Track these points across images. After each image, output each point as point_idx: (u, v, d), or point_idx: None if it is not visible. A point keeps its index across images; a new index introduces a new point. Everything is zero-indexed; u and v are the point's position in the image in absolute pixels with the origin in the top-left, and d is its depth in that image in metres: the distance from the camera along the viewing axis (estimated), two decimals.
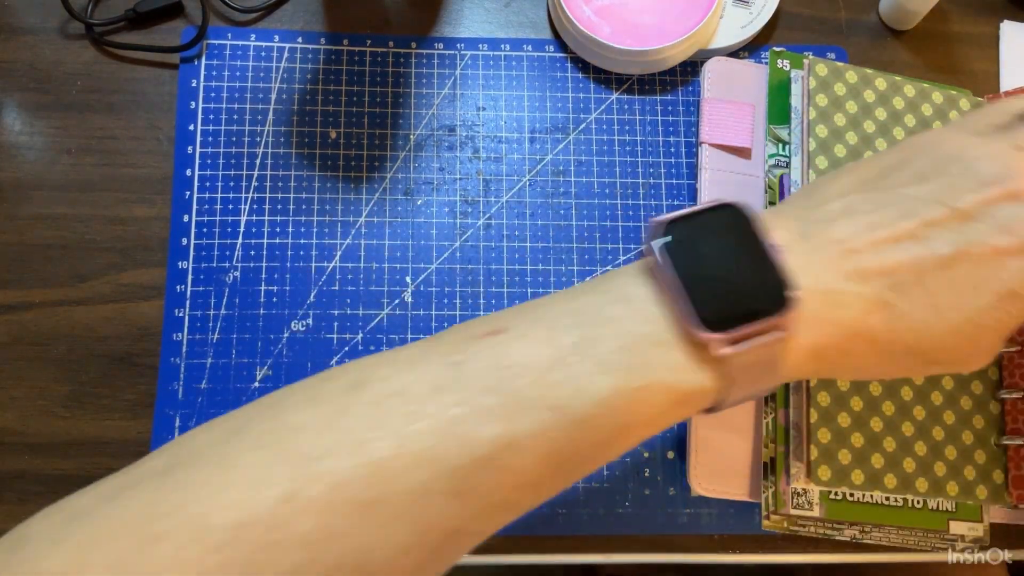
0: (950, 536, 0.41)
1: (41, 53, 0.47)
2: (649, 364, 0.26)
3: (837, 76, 0.45)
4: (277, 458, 0.23)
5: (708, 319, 0.26)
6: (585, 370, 0.26)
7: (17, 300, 0.43)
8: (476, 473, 0.24)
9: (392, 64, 0.49)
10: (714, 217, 0.29)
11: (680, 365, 0.27)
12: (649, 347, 0.27)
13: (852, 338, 0.28)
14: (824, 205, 0.30)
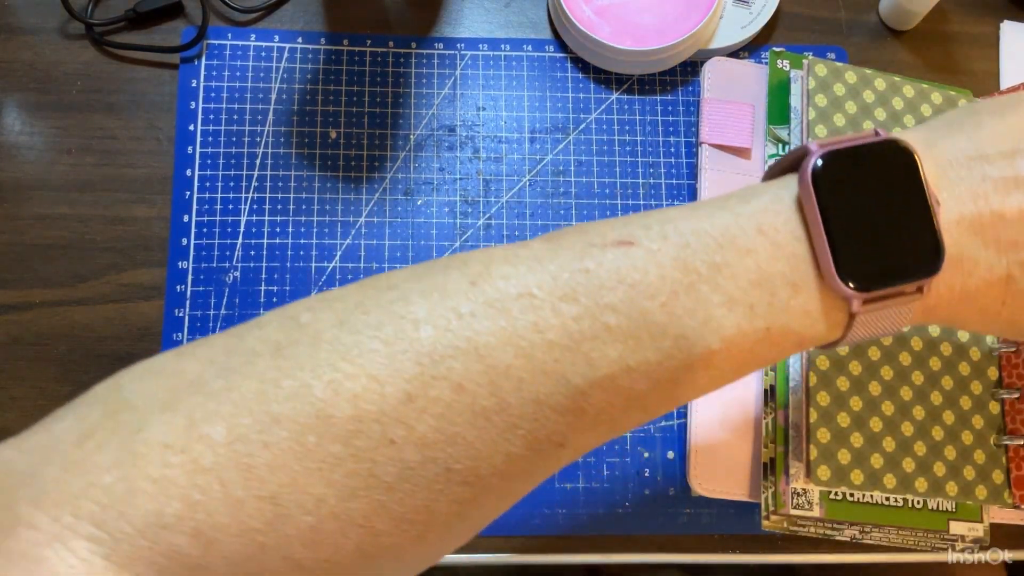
0: (950, 536, 0.41)
1: (41, 53, 0.47)
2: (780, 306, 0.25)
3: (836, 76, 0.45)
4: (399, 353, 0.22)
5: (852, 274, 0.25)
6: (715, 301, 0.24)
7: (17, 300, 0.43)
8: (593, 392, 0.24)
9: (392, 64, 0.49)
10: (875, 152, 0.26)
11: (811, 312, 0.25)
12: (783, 287, 0.25)
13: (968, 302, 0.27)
14: (987, 151, 0.27)
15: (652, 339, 0.24)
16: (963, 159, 0.27)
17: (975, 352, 0.42)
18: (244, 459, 0.21)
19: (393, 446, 0.22)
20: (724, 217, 0.26)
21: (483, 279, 0.24)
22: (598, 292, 0.24)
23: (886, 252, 0.25)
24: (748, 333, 0.25)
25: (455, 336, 0.23)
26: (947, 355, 0.41)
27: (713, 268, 0.25)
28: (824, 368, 0.40)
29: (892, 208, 0.26)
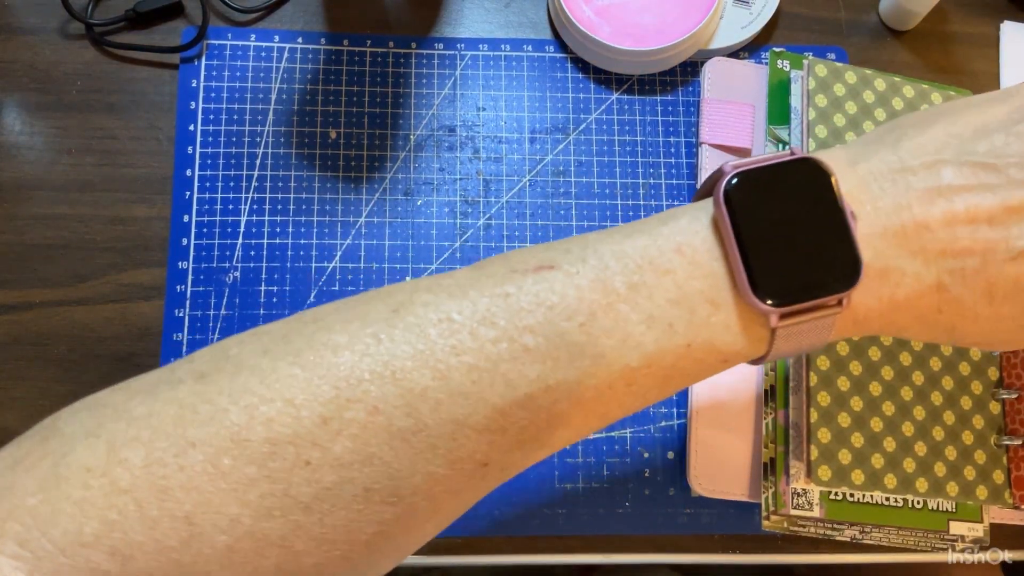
0: (950, 536, 0.41)
1: (41, 53, 0.47)
2: (698, 322, 0.25)
3: (837, 77, 0.45)
4: (317, 377, 0.23)
5: (768, 289, 0.25)
6: (634, 320, 0.25)
7: (17, 300, 0.43)
8: (514, 411, 0.24)
9: (392, 64, 0.49)
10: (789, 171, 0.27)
11: (729, 327, 0.26)
12: (701, 304, 0.25)
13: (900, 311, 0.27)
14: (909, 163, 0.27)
15: (571, 359, 0.25)
16: (886, 172, 0.27)
17: (975, 352, 0.42)
18: (160, 480, 0.22)
19: (308, 467, 0.22)
20: (643, 239, 0.26)
21: (404, 307, 0.25)
22: (517, 315, 0.25)
23: (803, 267, 0.26)
24: (669, 350, 0.25)
25: (373, 360, 0.24)
26: (947, 355, 0.41)
27: (631, 288, 0.25)
28: (824, 368, 0.40)
29: (808, 224, 0.26)
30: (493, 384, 0.24)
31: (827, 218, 0.26)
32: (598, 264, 0.26)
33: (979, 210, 0.26)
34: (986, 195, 0.26)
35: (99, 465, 0.22)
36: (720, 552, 0.43)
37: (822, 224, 0.26)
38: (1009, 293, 0.27)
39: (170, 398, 0.23)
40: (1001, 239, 0.26)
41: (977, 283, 0.26)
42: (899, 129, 0.29)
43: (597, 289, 0.25)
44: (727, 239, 0.26)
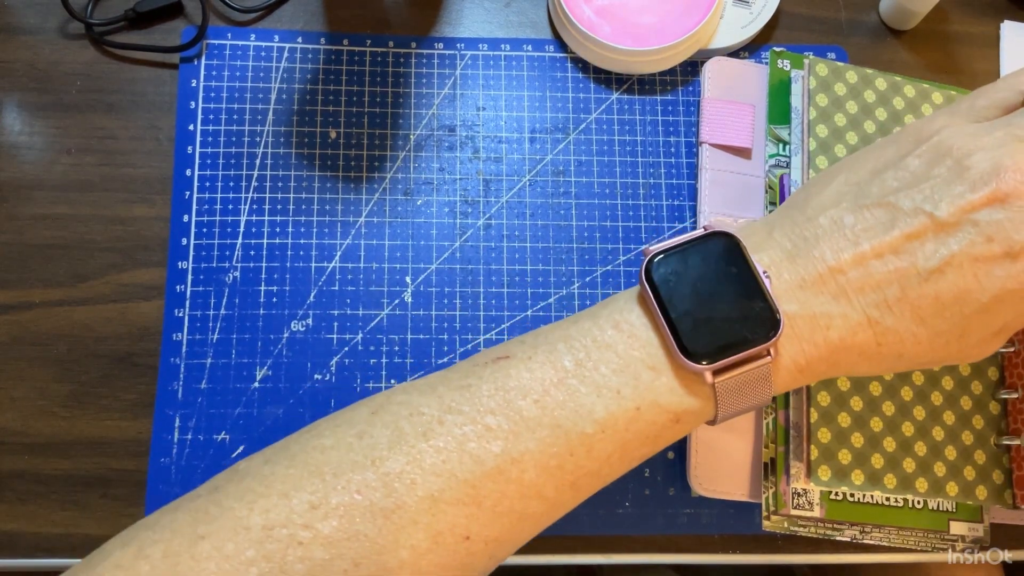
0: (950, 536, 0.41)
1: (41, 53, 0.47)
2: (644, 386, 0.28)
3: (837, 76, 0.45)
4: (307, 472, 0.27)
5: (695, 351, 0.28)
6: (583, 391, 0.28)
7: (17, 300, 0.43)
8: (484, 484, 0.27)
9: (392, 64, 0.49)
10: (704, 245, 0.30)
11: (673, 388, 0.28)
12: (643, 370, 0.28)
13: (841, 352, 0.29)
14: (815, 219, 0.31)
15: (530, 431, 0.28)
16: (797, 231, 0.30)
17: None
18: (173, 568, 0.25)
19: (301, 546, 0.25)
20: (586, 323, 0.30)
21: (382, 408, 0.29)
22: (479, 400, 0.28)
23: (726, 327, 0.29)
24: (619, 415, 0.28)
25: (355, 454, 0.27)
26: None
27: (578, 364, 0.29)
28: None
29: (727, 289, 0.29)
30: (462, 461, 0.27)
31: (743, 281, 0.29)
32: (548, 349, 0.29)
33: (883, 245, 0.29)
34: (886, 230, 0.29)
35: (127, 562, 0.25)
36: (720, 552, 0.43)
37: (738, 287, 0.29)
38: (935, 310, 0.29)
39: (188, 507, 0.27)
40: (910, 265, 0.29)
41: (903, 309, 0.29)
42: (807, 190, 0.33)
43: (547, 369, 0.28)
44: (653, 311, 0.29)
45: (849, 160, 0.33)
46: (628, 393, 0.28)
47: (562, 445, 0.28)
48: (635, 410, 0.28)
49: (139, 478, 0.41)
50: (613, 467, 0.29)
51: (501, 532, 0.28)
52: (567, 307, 0.45)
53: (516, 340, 0.31)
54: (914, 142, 0.31)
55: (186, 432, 0.42)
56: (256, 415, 0.42)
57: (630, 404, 0.28)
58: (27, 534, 0.40)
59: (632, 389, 0.28)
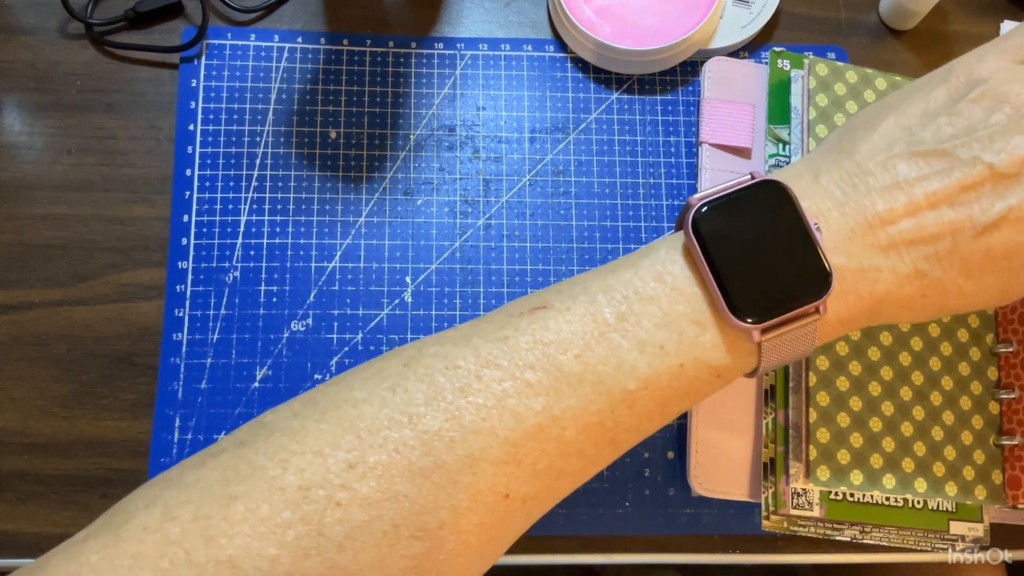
0: (950, 536, 0.41)
1: (41, 53, 0.47)
2: (688, 342, 0.27)
3: (837, 76, 0.45)
4: (341, 428, 0.26)
5: (744, 308, 0.27)
6: (626, 346, 0.27)
7: (17, 300, 0.43)
8: (524, 443, 0.26)
9: (392, 64, 0.49)
10: (751, 195, 0.29)
11: (717, 344, 0.27)
12: (687, 325, 0.27)
13: (884, 304, 0.28)
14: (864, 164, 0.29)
15: (571, 387, 0.27)
16: (846, 178, 0.29)
17: (975, 352, 0.42)
18: (206, 531, 0.24)
19: (339, 508, 0.24)
20: (626, 272, 0.28)
21: (414, 360, 0.27)
22: (517, 354, 0.27)
23: (775, 283, 0.27)
24: (662, 371, 0.27)
25: (390, 410, 0.26)
26: (947, 355, 0.41)
27: (620, 317, 0.27)
28: (824, 368, 0.40)
29: (776, 242, 0.28)
30: (502, 419, 0.26)
31: (793, 234, 0.28)
32: (587, 299, 0.28)
33: (937, 196, 0.28)
34: (941, 180, 0.28)
35: (154, 524, 0.24)
36: (720, 552, 0.43)
37: (789, 240, 0.28)
38: (985, 265, 0.28)
39: (215, 464, 0.26)
40: (965, 218, 0.28)
41: (953, 263, 0.28)
42: (853, 131, 0.31)
43: (588, 322, 0.27)
44: (700, 265, 0.28)
45: (895, 98, 0.31)
46: (672, 349, 0.27)
47: (604, 402, 0.27)
48: (679, 367, 0.27)
49: (139, 478, 0.41)
50: (652, 423, 0.28)
51: (539, 489, 0.27)
52: None
53: (552, 288, 0.29)
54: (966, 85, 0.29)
55: (186, 432, 0.42)
56: (256, 415, 0.42)
57: (674, 361, 0.27)
58: (27, 534, 0.40)
59: (676, 345, 0.27)
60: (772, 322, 0.27)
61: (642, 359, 0.27)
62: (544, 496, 0.28)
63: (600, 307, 0.28)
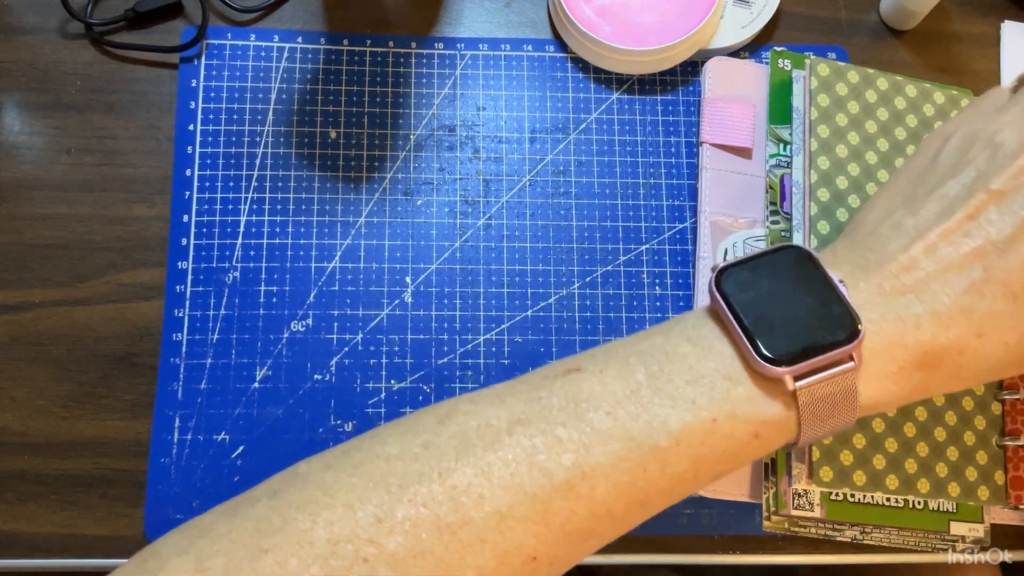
0: (950, 537, 0.41)
1: (41, 53, 0.47)
2: (720, 396, 0.27)
3: (839, 76, 0.45)
4: (371, 483, 0.26)
5: (773, 354, 0.27)
6: (657, 402, 0.27)
7: (17, 300, 0.43)
8: (554, 500, 0.26)
9: (392, 64, 0.49)
10: (773, 258, 0.30)
11: (751, 398, 0.27)
12: (719, 380, 0.27)
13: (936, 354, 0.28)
14: (874, 232, 0.30)
15: (601, 443, 0.26)
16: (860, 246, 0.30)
17: None
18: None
19: (366, 564, 0.24)
20: (657, 338, 0.29)
21: (448, 417, 0.28)
22: (549, 412, 0.27)
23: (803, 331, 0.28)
24: (695, 426, 0.27)
25: (421, 465, 0.26)
26: None
27: (651, 376, 0.28)
28: None
29: (801, 295, 0.28)
30: (531, 475, 0.26)
31: (817, 288, 0.28)
32: (619, 362, 0.28)
33: (949, 231, 0.29)
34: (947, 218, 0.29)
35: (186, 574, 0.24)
36: (721, 552, 0.43)
37: (814, 294, 0.28)
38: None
39: (248, 515, 0.26)
40: (984, 242, 0.28)
41: (993, 290, 0.28)
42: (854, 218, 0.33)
43: (619, 381, 0.27)
44: (726, 319, 0.28)
45: (885, 185, 0.33)
46: (704, 403, 0.27)
47: (635, 459, 0.26)
48: (711, 421, 0.27)
49: (139, 478, 0.41)
50: (685, 485, 0.27)
51: (566, 552, 0.27)
52: (567, 307, 0.45)
53: (586, 354, 0.30)
54: (939, 143, 0.32)
55: (186, 432, 0.42)
56: (256, 415, 0.42)
57: (706, 415, 0.27)
58: (27, 534, 0.40)
59: (708, 399, 0.27)
60: (803, 366, 0.27)
61: (673, 414, 0.27)
62: (568, 558, 0.27)
63: (632, 368, 0.28)
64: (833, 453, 0.38)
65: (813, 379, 0.27)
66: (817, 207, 0.43)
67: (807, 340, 0.27)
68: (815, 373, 0.27)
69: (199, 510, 0.40)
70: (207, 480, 0.41)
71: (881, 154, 0.44)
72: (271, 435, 0.42)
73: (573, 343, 0.44)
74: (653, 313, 0.45)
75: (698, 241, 0.45)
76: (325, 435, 0.42)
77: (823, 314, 0.28)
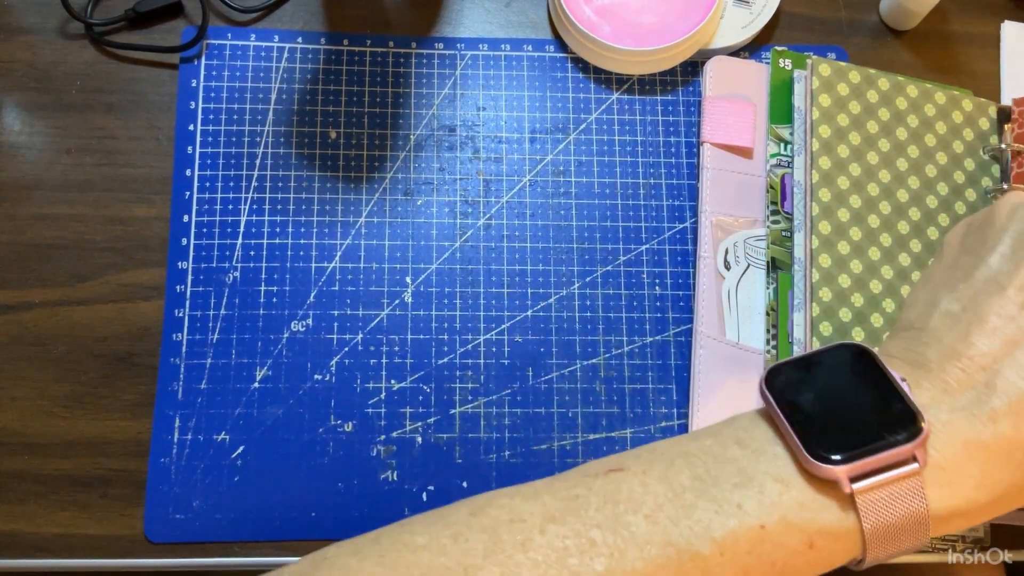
0: (950, 536, 0.40)
1: (41, 53, 0.47)
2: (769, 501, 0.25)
3: (840, 76, 0.45)
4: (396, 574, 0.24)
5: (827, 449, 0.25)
6: (701, 507, 0.25)
7: (17, 300, 0.43)
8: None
9: (392, 64, 0.49)
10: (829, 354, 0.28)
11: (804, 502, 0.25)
12: (769, 483, 0.25)
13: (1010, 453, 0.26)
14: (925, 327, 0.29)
15: (638, 548, 0.24)
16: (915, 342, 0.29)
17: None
18: None
19: None
20: (707, 440, 0.27)
21: (481, 510, 0.26)
22: (585, 513, 0.25)
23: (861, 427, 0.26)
24: (740, 533, 0.25)
25: (447, 559, 0.25)
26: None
27: (696, 479, 0.26)
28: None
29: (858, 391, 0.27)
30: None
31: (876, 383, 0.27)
32: (664, 464, 0.27)
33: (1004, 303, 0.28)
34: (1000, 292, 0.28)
35: None
36: None
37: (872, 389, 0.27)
38: None
39: None
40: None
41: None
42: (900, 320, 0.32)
43: (663, 484, 0.26)
44: (776, 418, 0.26)
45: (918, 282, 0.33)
46: (751, 508, 0.25)
47: (674, 567, 0.24)
48: (759, 528, 0.25)
49: (139, 478, 0.41)
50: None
51: None
52: (567, 307, 0.45)
53: (631, 453, 0.28)
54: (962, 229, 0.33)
55: (186, 432, 0.42)
56: (256, 415, 0.42)
57: (754, 521, 0.25)
58: (27, 534, 0.40)
59: (756, 504, 0.25)
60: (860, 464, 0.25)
61: (717, 520, 0.25)
62: None
63: (678, 470, 0.26)
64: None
65: (872, 481, 0.25)
66: (819, 207, 0.43)
67: (864, 435, 0.25)
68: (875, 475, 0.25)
69: (199, 510, 0.40)
70: (207, 480, 0.41)
71: (882, 154, 0.44)
72: (271, 435, 0.42)
73: (573, 343, 0.45)
74: (653, 313, 0.45)
75: (698, 241, 0.45)
76: (325, 435, 0.42)
77: (883, 413, 0.26)
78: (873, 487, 0.25)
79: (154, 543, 0.40)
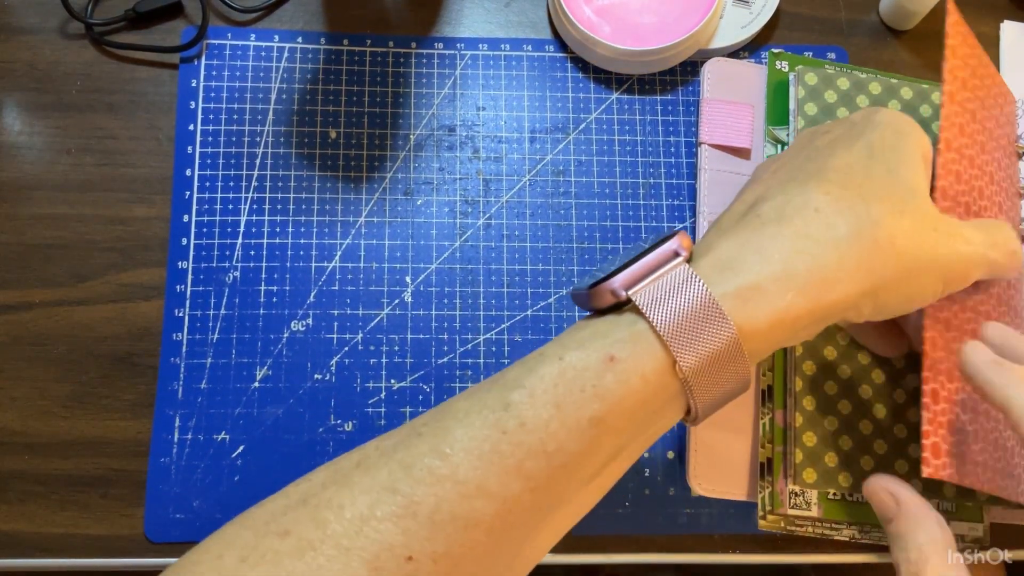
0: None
1: (41, 53, 0.47)
2: (565, 339, 0.27)
3: (828, 84, 0.45)
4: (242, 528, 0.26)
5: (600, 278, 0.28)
6: (511, 372, 0.27)
7: (17, 300, 0.43)
8: (416, 489, 0.25)
9: (392, 64, 0.49)
10: None
11: (595, 330, 0.27)
12: (565, 335, 0.28)
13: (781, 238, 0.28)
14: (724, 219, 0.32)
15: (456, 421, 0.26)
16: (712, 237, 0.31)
17: None
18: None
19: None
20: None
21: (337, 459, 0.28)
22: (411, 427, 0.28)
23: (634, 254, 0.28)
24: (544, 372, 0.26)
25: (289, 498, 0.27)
26: None
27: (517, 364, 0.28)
28: (811, 373, 0.40)
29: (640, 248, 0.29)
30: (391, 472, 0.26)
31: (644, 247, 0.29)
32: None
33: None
34: None
35: None
36: (720, 552, 0.43)
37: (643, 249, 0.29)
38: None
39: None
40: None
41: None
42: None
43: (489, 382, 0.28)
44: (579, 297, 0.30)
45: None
46: (550, 352, 0.27)
47: (491, 424, 0.25)
48: (558, 360, 0.26)
49: (139, 478, 0.41)
50: (558, 439, 0.25)
51: (448, 546, 0.25)
52: (567, 307, 0.45)
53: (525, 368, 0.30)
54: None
55: (186, 432, 0.42)
56: (256, 415, 0.42)
57: (552, 356, 0.26)
58: (27, 534, 0.40)
59: (554, 346, 0.27)
60: (630, 272, 0.27)
61: (521, 370, 0.27)
62: (460, 554, 0.25)
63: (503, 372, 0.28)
64: (817, 455, 0.38)
65: (645, 281, 0.27)
66: None
67: (634, 258, 0.28)
68: (644, 278, 0.27)
69: (199, 510, 0.40)
70: (207, 480, 0.41)
71: None
72: (271, 435, 0.42)
73: None
74: None
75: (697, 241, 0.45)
76: (325, 435, 0.42)
77: (654, 244, 0.28)
78: (646, 285, 0.27)
79: (154, 543, 0.40)
